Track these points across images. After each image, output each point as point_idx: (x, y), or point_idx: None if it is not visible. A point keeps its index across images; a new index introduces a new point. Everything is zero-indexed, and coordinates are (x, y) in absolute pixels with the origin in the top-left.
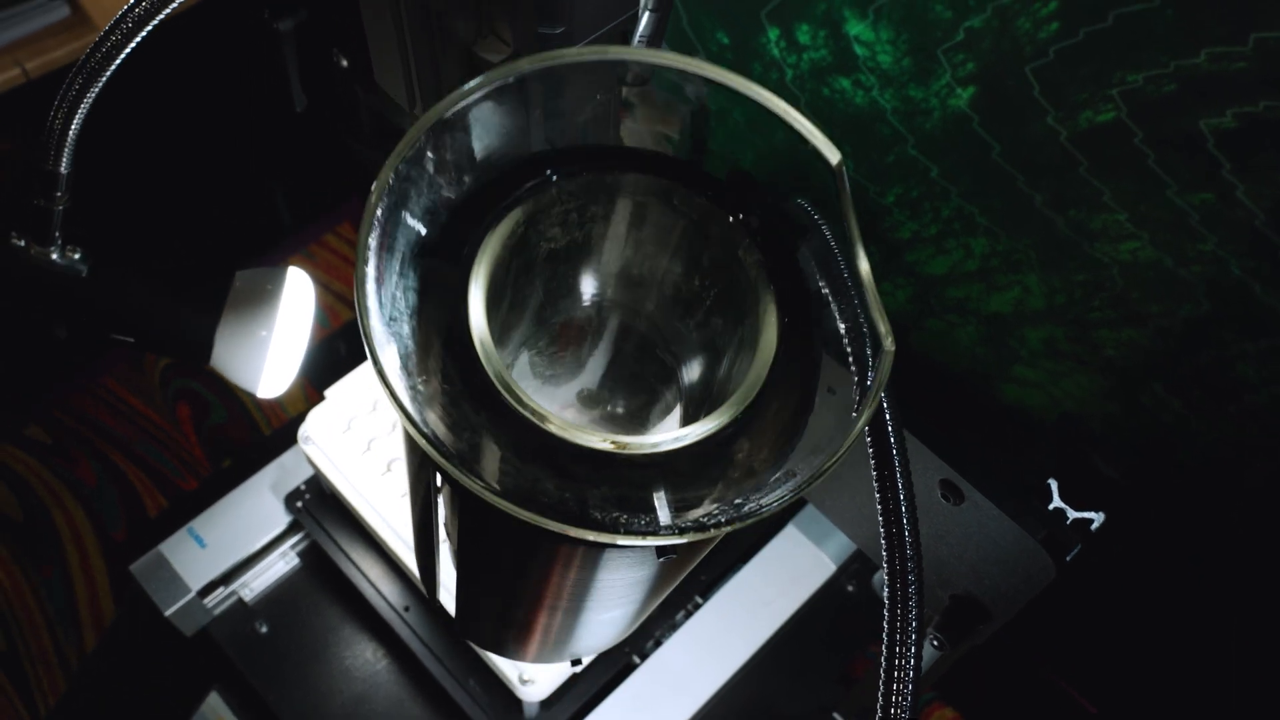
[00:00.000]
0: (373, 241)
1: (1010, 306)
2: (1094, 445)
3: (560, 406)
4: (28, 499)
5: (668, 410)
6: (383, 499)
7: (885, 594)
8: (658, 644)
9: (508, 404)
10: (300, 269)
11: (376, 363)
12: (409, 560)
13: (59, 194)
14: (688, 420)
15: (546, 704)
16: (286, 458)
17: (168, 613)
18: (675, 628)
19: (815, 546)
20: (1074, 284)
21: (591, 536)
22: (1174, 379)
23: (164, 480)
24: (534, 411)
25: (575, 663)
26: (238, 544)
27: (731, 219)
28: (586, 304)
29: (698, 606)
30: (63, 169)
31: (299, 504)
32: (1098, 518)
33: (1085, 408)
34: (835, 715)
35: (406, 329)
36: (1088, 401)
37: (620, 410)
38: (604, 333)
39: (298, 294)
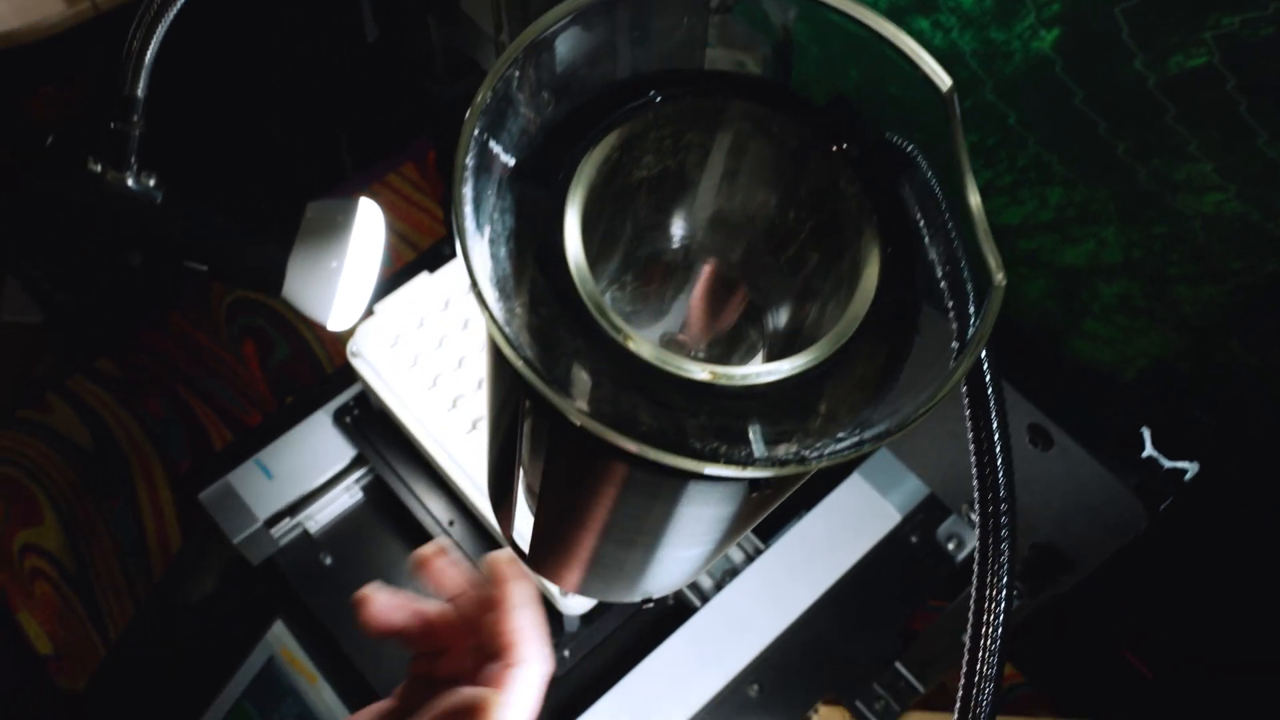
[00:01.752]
0: (470, 162)
1: (1085, 260)
2: (1189, 393)
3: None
4: (97, 429)
5: (752, 352)
6: (429, 413)
7: (976, 537)
8: (718, 588)
9: (604, 331)
10: (371, 200)
11: (475, 284)
12: (454, 474)
13: (135, 118)
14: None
15: (587, 618)
16: (352, 393)
17: (236, 541)
18: (736, 573)
19: (880, 496)
20: (1153, 237)
21: (690, 465)
22: (1254, 336)
23: (229, 415)
24: (630, 340)
25: (645, 602)
26: (303, 476)
27: (833, 148)
28: (676, 238)
29: (759, 552)
30: (139, 93)
31: (347, 419)
32: (1191, 468)
33: (1158, 365)
34: (897, 665)
35: (503, 252)
36: (1161, 358)
37: (703, 353)
38: (692, 269)
39: (369, 225)
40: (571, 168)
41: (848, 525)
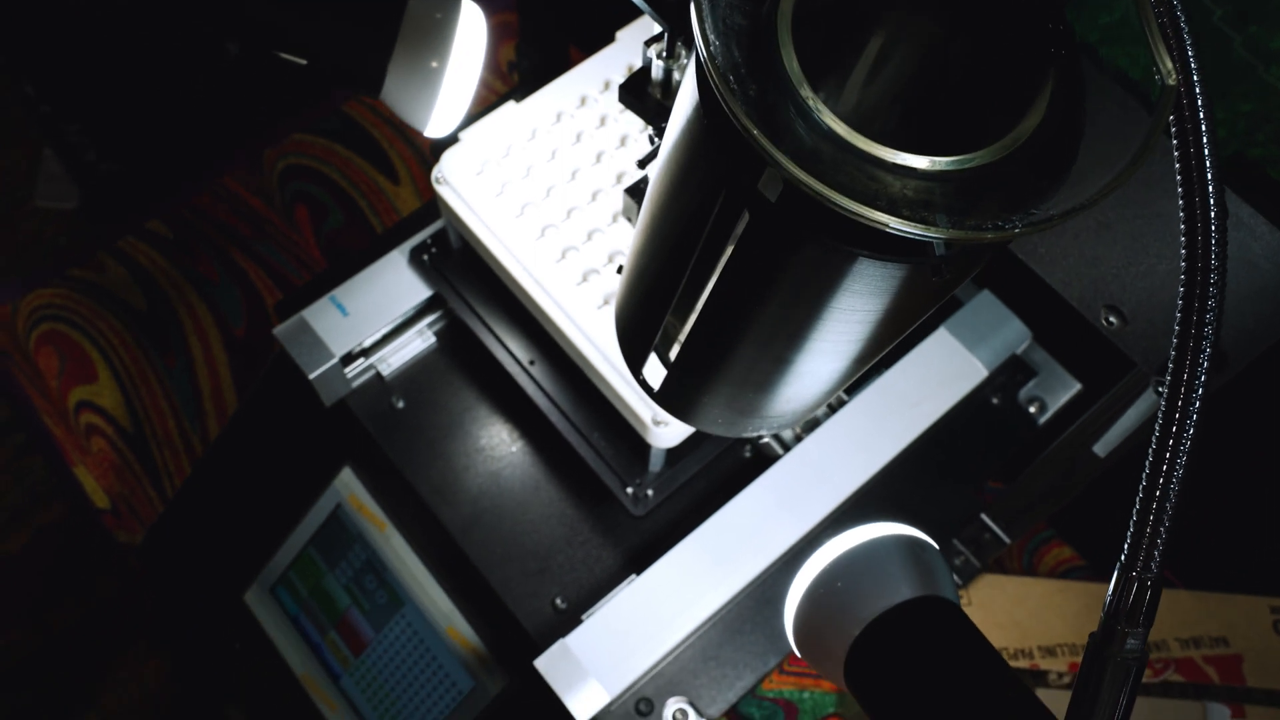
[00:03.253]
0: None
1: None
2: None
3: None
4: (150, 290)
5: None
6: (517, 241)
7: (1176, 332)
8: (798, 439)
9: (810, 109)
10: (474, 2)
11: (705, 42)
12: (544, 303)
13: None
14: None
15: (672, 457)
16: (427, 233)
17: (312, 376)
18: (818, 424)
19: (968, 351)
20: (1239, 115)
21: (886, 221)
22: None
23: (283, 279)
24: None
25: (759, 437)
26: (379, 314)
27: None
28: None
29: (842, 403)
30: None
31: (424, 257)
32: None
33: None
34: (983, 517)
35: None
36: None
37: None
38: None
39: (471, 27)
40: None
41: (932, 379)
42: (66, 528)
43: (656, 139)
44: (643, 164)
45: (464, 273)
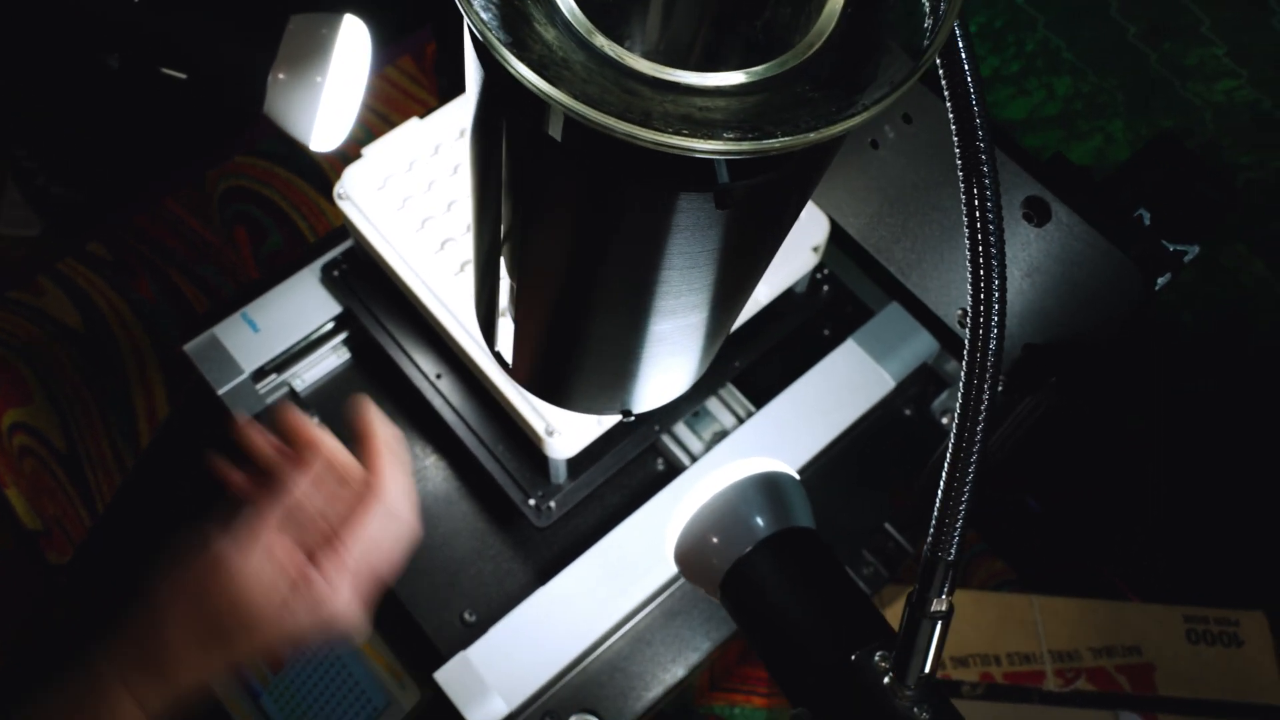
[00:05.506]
0: None
1: (1091, 157)
2: (1195, 171)
3: None
4: (88, 311)
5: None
6: (416, 254)
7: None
8: (708, 449)
9: (580, 35)
10: (357, 17)
11: None
12: (441, 315)
13: None
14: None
15: (574, 469)
16: (340, 250)
17: (221, 392)
18: (725, 434)
19: (875, 362)
20: (1161, 131)
21: (655, 138)
22: (1260, 240)
23: (220, 299)
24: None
25: (626, 414)
26: (289, 330)
27: None
28: None
29: (750, 414)
30: None
31: (335, 273)
32: (1192, 250)
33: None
34: (886, 526)
35: None
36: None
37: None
38: None
39: (354, 42)
40: None
41: (841, 391)
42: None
43: None
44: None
45: (372, 288)
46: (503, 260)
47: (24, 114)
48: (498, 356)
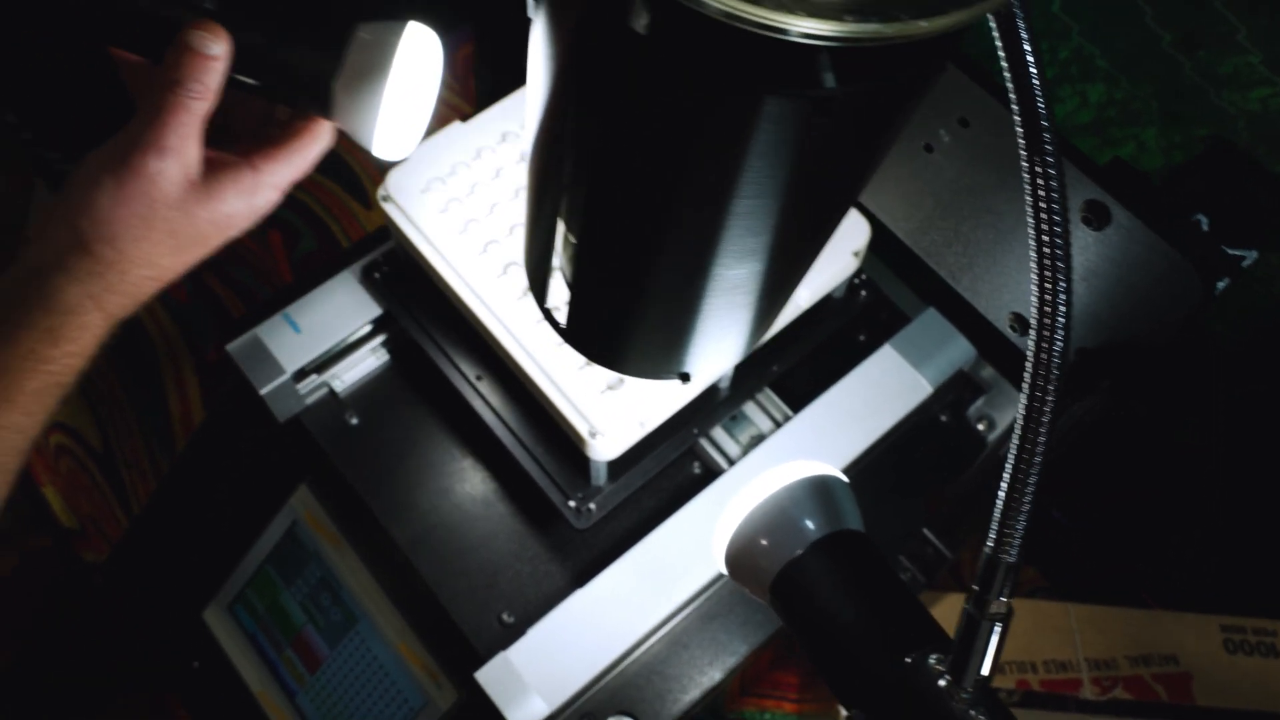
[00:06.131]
0: None
1: None
2: (1253, 176)
3: None
4: None
5: None
6: (460, 257)
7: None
8: (745, 453)
9: None
10: (428, 27)
11: None
12: (484, 317)
13: None
14: None
15: (614, 471)
16: (379, 253)
17: (263, 392)
18: (762, 438)
19: (912, 368)
20: (1194, 139)
21: (760, 14)
22: None
23: (254, 302)
24: None
25: (683, 377)
26: (331, 331)
27: None
28: None
29: (787, 418)
30: None
31: (375, 275)
32: (1250, 255)
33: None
34: (925, 531)
35: None
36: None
37: None
38: None
39: (422, 49)
40: None
41: (878, 396)
42: (35, 547)
43: None
44: None
45: (414, 290)
46: (560, 213)
47: (56, 118)
48: (548, 315)
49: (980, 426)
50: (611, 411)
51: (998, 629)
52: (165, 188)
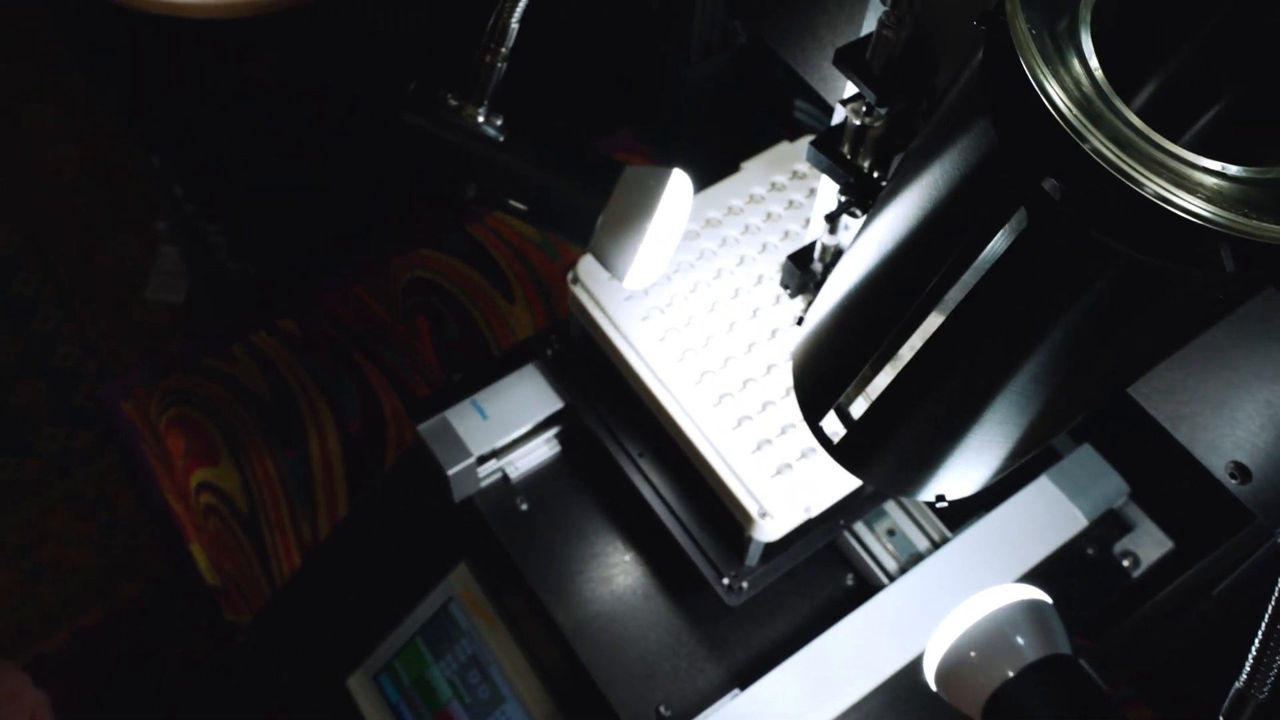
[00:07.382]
0: None
1: None
2: None
3: None
4: (275, 382)
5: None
6: (641, 341)
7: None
8: (903, 571)
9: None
10: (684, 173)
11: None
12: (667, 403)
13: (504, 49)
14: None
15: (767, 554)
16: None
17: (450, 472)
18: (920, 558)
19: (1068, 500)
20: None
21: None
22: None
23: (398, 381)
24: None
25: (940, 499)
26: (516, 420)
27: None
28: None
29: (944, 539)
30: (513, 22)
31: (548, 351)
32: None
33: None
34: (1080, 662)
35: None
36: None
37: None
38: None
39: (678, 195)
40: None
41: (1034, 525)
42: (180, 602)
43: (843, 197)
44: (831, 219)
45: (586, 373)
46: (881, 342)
47: (222, 194)
48: (818, 432)
49: (1125, 564)
50: (780, 495)
51: None
52: None
